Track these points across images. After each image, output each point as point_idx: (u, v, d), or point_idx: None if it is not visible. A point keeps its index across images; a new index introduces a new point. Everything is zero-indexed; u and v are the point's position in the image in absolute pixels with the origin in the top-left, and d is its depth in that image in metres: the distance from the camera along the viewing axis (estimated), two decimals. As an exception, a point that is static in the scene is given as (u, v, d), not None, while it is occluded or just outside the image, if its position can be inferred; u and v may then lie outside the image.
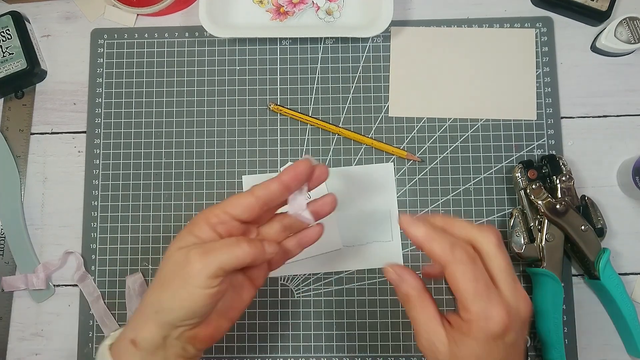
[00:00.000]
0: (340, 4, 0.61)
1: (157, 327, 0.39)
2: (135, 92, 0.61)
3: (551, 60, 0.59)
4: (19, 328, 0.57)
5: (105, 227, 0.58)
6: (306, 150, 0.59)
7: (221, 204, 0.41)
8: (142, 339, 0.40)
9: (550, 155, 0.56)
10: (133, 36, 0.62)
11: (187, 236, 0.40)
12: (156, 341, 0.39)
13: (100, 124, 0.60)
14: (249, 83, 0.60)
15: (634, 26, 0.57)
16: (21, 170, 0.60)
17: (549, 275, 0.52)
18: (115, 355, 0.40)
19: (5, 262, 0.58)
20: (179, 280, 0.38)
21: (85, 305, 0.57)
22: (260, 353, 0.56)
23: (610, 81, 0.59)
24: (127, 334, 0.41)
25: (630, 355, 0.54)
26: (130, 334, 0.40)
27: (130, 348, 0.40)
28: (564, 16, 0.60)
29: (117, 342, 0.41)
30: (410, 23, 0.61)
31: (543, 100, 0.59)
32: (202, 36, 0.61)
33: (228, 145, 0.59)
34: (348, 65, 0.60)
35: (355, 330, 0.56)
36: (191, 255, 0.38)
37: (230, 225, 0.41)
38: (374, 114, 0.59)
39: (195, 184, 0.59)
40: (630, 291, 0.55)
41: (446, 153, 0.58)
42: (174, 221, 0.58)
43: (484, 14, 0.61)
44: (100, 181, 0.59)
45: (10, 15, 0.60)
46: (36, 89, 0.62)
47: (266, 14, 0.61)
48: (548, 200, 0.53)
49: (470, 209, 0.57)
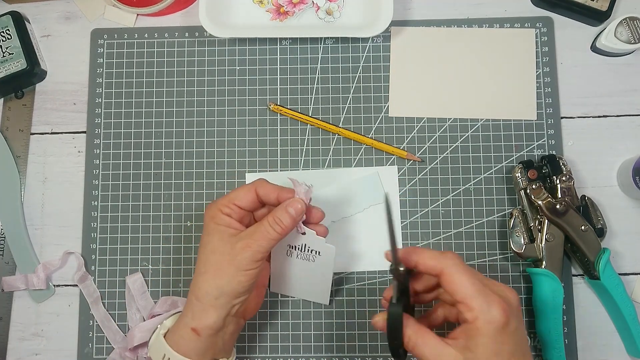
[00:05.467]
0: (340, 4, 0.61)
1: (219, 310, 0.45)
2: (135, 92, 0.61)
3: (551, 60, 0.59)
4: (19, 328, 0.57)
5: (105, 227, 0.58)
6: (306, 150, 0.59)
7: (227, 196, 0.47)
8: (204, 327, 0.45)
9: (550, 155, 0.56)
10: (133, 36, 0.62)
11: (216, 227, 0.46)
12: (218, 324, 0.45)
13: (100, 124, 0.60)
14: (249, 83, 0.60)
15: (634, 26, 0.57)
16: (21, 170, 0.60)
17: (549, 275, 0.52)
18: (173, 344, 0.45)
19: (5, 262, 0.58)
20: (232, 268, 0.44)
21: (85, 305, 0.57)
22: (260, 353, 0.56)
23: (610, 81, 0.59)
24: (186, 323, 0.45)
25: (630, 355, 0.54)
26: (190, 323, 0.45)
27: (193, 336, 0.45)
28: (564, 16, 0.60)
29: (173, 332, 0.46)
30: (410, 23, 0.61)
31: (543, 100, 0.59)
32: (202, 36, 0.61)
33: (228, 146, 0.59)
34: (348, 65, 0.60)
35: (355, 331, 0.56)
36: (238, 248, 0.44)
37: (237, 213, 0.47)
38: (374, 114, 0.59)
39: (195, 184, 0.59)
40: (630, 291, 0.55)
41: (446, 153, 0.58)
42: (174, 221, 0.58)
43: (484, 14, 0.61)
44: (100, 181, 0.59)
45: (10, 15, 0.60)
46: (36, 89, 0.62)
47: (266, 14, 0.61)
48: (548, 200, 0.53)
49: (470, 209, 0.57)
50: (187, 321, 0.45)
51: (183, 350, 0.45)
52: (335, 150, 0.59)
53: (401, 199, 0.57)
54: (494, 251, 0.56)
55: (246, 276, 0.44)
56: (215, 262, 0.45)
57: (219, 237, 0.46)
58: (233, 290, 0.45)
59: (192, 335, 0.45)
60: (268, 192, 0.47)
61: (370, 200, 0.57)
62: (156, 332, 0.48)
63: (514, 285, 0.56)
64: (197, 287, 0.45)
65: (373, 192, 0.57)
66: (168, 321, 0.48)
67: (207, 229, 0.47)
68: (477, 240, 0.57)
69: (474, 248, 0.56)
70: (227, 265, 0.44)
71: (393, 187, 0.58)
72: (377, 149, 0.58)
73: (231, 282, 0.44)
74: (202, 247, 0.47)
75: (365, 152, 0.58)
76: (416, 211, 0.57)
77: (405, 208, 0.57)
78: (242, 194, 0.47)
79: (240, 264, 0.44)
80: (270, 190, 0.47)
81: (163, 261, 0.58)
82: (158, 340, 0.46)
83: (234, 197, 0.47)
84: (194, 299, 0.45)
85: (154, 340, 0.47)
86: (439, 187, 0.58)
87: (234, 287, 0.44)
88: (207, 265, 0.45)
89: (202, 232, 0.47)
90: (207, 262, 0.45)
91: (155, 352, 0.46)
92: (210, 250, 0.46)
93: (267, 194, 0.47)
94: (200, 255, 0.47)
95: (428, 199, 0.57)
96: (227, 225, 0.46)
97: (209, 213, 0.47)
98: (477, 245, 0.56)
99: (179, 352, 0.45)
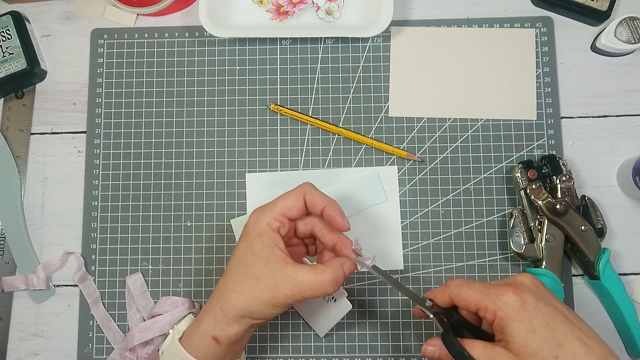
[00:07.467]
0: (340, 4, 0.61)
1: (242, 326, 0.45)
2: (135, 92, 0.61)
3: (551, 60, 0.59)
4: (19, 328, 0.57)
5: (105, 227, 0.58)
6: (306, 150, 0.59)
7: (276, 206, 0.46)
8: (226, 337, 0.44)
9: (550, 155, 0.56)
10: (133, 36, 0.62)
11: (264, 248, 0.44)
12: (239, 336, 0.45)
13: (100, 124, 0.60)
14: (249, 83, 0.60)
15: (634, 26, 0.57)
16: (21, 170, 0.60)
17: (549, 275, 0.52)
18: (190, 349, 0.45)
19: (5, 262, 0.58)
20: (270, 300, 0.43)
21: (86, 305, 0.57)
22: (261, 353, 0.56)
23: (610, 81, 0.59)
24: (206, 330, 0.45)
25: (630, 355, 0.54)
26: (211, 332, 0.45)
27: (212, 344, 0.45)
28: (564, 16, 0.60)
29: (189, 337, 0.46)
30: (410, 23, 0.61)
31: (543, 100, 0.59)
32: (202, 36, 0.61)
33: (228, 146, 0.59)
34: (348, 65, 0.60)
35: (356, 331, 0.56)
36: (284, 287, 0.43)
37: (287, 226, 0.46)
38: (374, 114, 0.59)
39: (195, 184, 0.59)
40: (630, 291, 0.55)
41: (446, 153, 0.58)
42: (174, 221, 0.58)
43: (484, 14, 0.61)
44: (100, 181, 0.59)
45: (10, 15, 0.60)
46: (36, 89, 0.62)
47: (266, 14, 0.61)
48: (548, 200, 0.53)
49: (470, 209, 0.57)
50: (207, 329, 0.45)
51: (201, 356, 0.44)
52: (335, 150, 0.59)
53: (401, 199, 0.57)
54: (494, 251, 0.56)
55: (280, 310, 0.44)
56: (255, 290, 0.44)
57: (265, 261, 0.44)
58: (261, 316, 0.44)
59: (212, 343, 0.44)
60: (316, 203, 0.45)
61: (370, 200, 0.57)
62: (170, 336, 0.47)
63: (514, 285, 0.56)
64: (227, 301, 0.44)
65: (373, 192, 0.57)
66: (181, 325, 0.47)
67: (252, 247, 0.45)
68: (477, 240, 0.57)
69: (474, 248, 0.56)
70: (266, 297, 0.43)
71: (393, 187, 0.58)
72: (377, 149, 0.58)
73: (264, 311, 0.44)
74: (244, 264, 0.45)
75: (365, 152, 0.58)
76: (416, 211, 0.57)
77: (405, 208, 0.57)
78: (291, 203, 0.45)
79: (280, 302, 0.43)
80: (318, 200, 0.46)
81: (163, 261, 0.58)
82: (174, 345, 0.46)
83: (284, 207, 0.45)
84: (219, 310, 0.45)
85: (169, 344, 0.46)
86: (439, 187, 0.58)
87: (264, 315, 0.44)
88: (244, 286, 0.44)
89: (240, 241, 0.46)
90: (245, 284, 0.44)
91: (170, 356, 0.46)
92: (252, 274, 0.44)
93: (315, 204, 0.46)
94: (238, 269, 0.45)
95: (428, 199, 0.57)
96: (275, 246, 0.44)
97: (257, 227, 0.45)
98: (477, 245, 0.56)
99: (197, 358, 0.44)
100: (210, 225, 0.58)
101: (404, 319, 0.56)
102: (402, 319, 0.56)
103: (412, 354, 0.55)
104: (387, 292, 0.56)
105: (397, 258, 0.56)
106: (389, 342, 0.55)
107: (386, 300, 0.56)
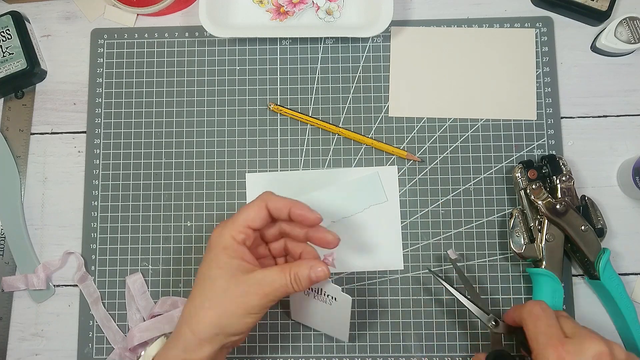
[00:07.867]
0: (340, 4, 0.61)
1: (214, 345, 0.43)
2: (135, 92, 0.61)
3: (551, 60, 0.59)
4: (19, 328, 0.57)
5: (105, 227, 0.58)
6: (306, 150, 0.59)
7: (239, 219, 0.44)
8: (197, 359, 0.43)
9: (550, 155, 0.56)
10: (133, 36, 0.62)
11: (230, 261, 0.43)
12: (211, 357, 0.43)
13: (100, 124, 0.60)
14: (249, 83, 0.60)
15: (634, 26, 0.57)
16: (21, 170, 0.60)
17: (549, 275, 0.52)
18: None
19: (5, 262, 0.58)
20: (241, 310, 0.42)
21: (85, 305, 0.57)
22: (261, 353, 0.56)
23: (610, 81, 0.59)
24: (177, 355, 0.43)
25: (630, 355, 0.54)
26: (181, 356, 0.43)
27: None
28: (564, 16, 0.60)
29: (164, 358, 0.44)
30: (410, 23, 0.61)
31: (543, 100, 0.59)
32: (202, 36, 0.61)
33: (228, 146, 0.59)
34: (348, 65, 0.60)
35: (356, 331, 0.56)
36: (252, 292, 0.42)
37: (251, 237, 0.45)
38: (374, 114, 0.59)
39: (195, 184, 0.59)
40: (630, 291, 0.55)
41: (446, 153, 0.58)
42: (174, 221, 0.58)
43: (484, 14, 0.61)
44: (100, 181, 0.59)
45: (10, 15, 0.60)
46: (36, 89, 0.62)
47: (266, 14, 0.61)
48: (548, 200, 0.53)
49: (470, 209, 0.57)
50: (177, 353, 0.43)
51: None
52: (335, 150, 0.59)
53: (401, 199, 0.57)
54: (494, 251, 0.56)
55: (254, 318, 0.43)
56: (224, 302, 0.42)
57: (231, 274, 0.43)
58: (236, 330, 0.43)
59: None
60: (279, 207, 0.45)
61: (370, 200, 0.57)
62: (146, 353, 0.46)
63: (513, 285, 0.56)
64: (196, 320, 0.43)
65: (373, 192, 0.58)
66: (152, 349, 0.46)
67: (216, 261, 0.43)
68: (477, 240, 0.57)
69: (474, 248, 0.56)
70: (236, 307, 0.42)
71: (393, 187, 0.58)
72: (377, 149, 0.58)
73: (237, 323, 0.42)
74: (208, 279, 0.43)
75: (365, 152, 0.58)
76: (416, 211, 0.57)
77: (405, 208, 0.57)
78: (253, 214, 0.44)
79: (252, 308, 0.42)
80: (281, 205, 0.45)
81: (163, 261, 0.58)
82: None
83: (246, 219, 0.44)
84: (189, 332, 0.43)
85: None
86: (439, 187, 0.58)
87: (238, 327, 0.43)
88: (212, 301, 0.42)
89: (205, 257, 0.45)
90: (213, 298, 0.43)
91: None
92: (219, 287, 0.42)
93: (279, 209, 0.45)
94: (204, 285, 0.43)
95: (428, 199, 0.57)
96: (241, 258, 0.43)
97: (221, 242, 0.44)
98: (477, 245, 0.56)
99: None
100: (210, 225, 0.58)
101: (404, 319, 0.56)
102: (403, 319, 0.56)
103: (412, 354, 0.55)
104: (387, 292, 0.56)
105: (397, 258, 0.56)
106: (389, 342, 0.55)
107: (386, 300, 0.56)
